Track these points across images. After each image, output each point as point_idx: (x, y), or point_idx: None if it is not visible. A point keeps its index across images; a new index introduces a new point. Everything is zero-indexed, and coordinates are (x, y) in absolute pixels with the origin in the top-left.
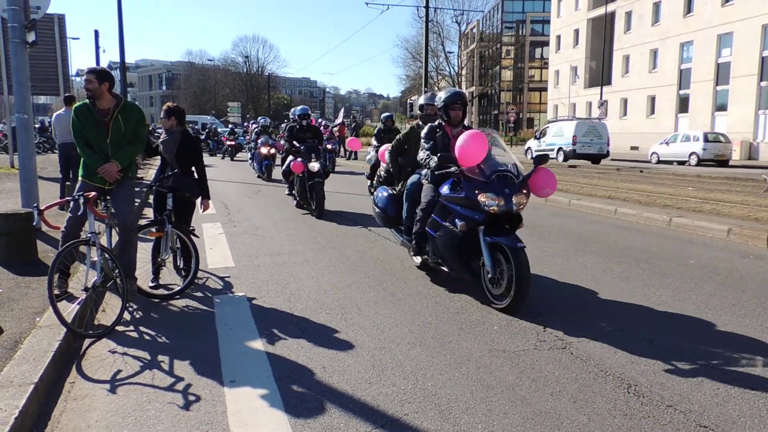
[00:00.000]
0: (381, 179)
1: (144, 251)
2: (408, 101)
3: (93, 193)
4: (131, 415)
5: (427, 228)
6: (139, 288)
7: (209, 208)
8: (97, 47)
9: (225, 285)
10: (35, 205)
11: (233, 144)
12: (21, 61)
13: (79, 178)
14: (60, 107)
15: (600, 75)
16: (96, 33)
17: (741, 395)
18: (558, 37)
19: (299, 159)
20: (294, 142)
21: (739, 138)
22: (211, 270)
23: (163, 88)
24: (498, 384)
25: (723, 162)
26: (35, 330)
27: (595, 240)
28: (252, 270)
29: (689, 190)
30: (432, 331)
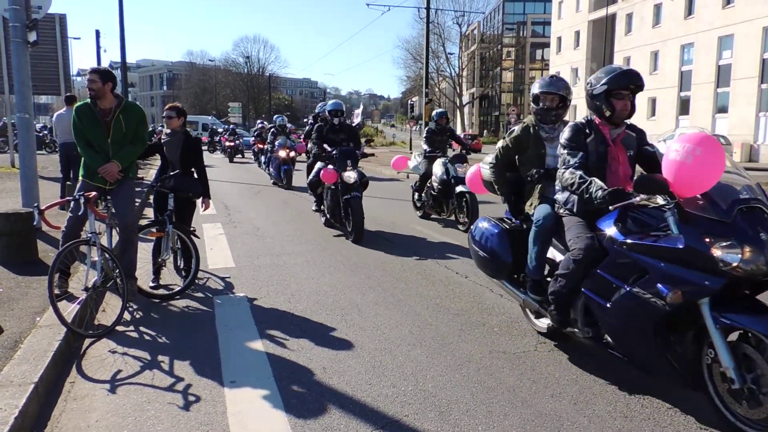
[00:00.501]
0: (435, 192)
1: (144, 251)
2: (409, 102)
3: (94, 193)
4: (131, 416)
5: (587, 290)
6: (140, 288)
7: (210, 207)
8: (98, 47)
9: (225, 285)
10: (36, 205)
11: (233, 145)
12: (22, 61)
13: (80, 177)
14: (61, 107)
15: None
16: (97, 33)
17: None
18: (559, 39)
19: (331, 166)
20: (324, 145)
21: (740, 140)
22: (212, 270)
23: (164, 88)
24: (498, 385)
25: None
26: (35, 330)
27: None
28: (252, 270)
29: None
30: (432, 333)
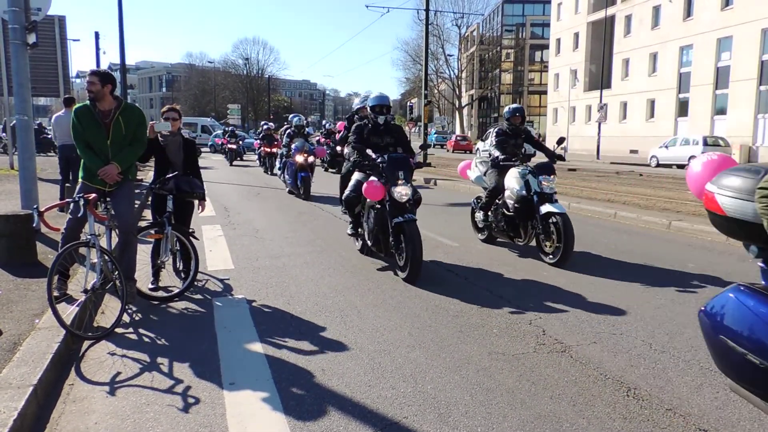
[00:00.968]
0: (509, 211)
1: (144, 253)
2: (408, 104)
3: (93, 195)
4: (130, 417)
5: None
6: (139, 290)
7: (205, 209)
8: (98, 49)
9: (224, 287)
10: (35, 207)
11: (233, 148)
12: (21, 63)
13: (79, 179)
14: (60, 109)
15: (600, 78)
16: (96, 34)
17: (740, 399)
18: (558, 41)
19: (375, 179)
20: (368, 151)
21: (739, 142)
22: (211, 272)
23: (163, 90)
24: (497, 387)
25: None
26: (34, 332)
27: (595, 243)
28: (251, 272)
29: (689, 193)
30: (431, 334)
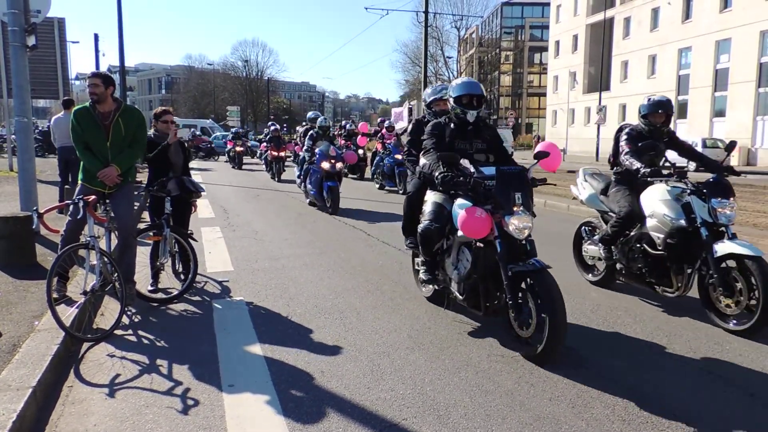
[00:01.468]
0: (657, 249)
1: (143, 255)
2: (407, 106)
3: (93, 197)
4: (129, 420)
5: None
6: (138, 292)
7: (205, 210)
8: (97, 51)
9: (224, 289)
10: (34, 209)
11: (242, 150)
12: (21, 65)
13: (79, 181)
14: (59, 111)
15: (599, 80)
16: (96, 36)
17: (740, 400)
18: (557, 43)
19: (478, 207)
20: (464, 162)
21: (738, 144)
22: (210, 274)
23: (163, 92)
24: (497, 389)
25: None
26: (33, 333)
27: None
28: (251, 274)
29: None
30: (431, 336)
